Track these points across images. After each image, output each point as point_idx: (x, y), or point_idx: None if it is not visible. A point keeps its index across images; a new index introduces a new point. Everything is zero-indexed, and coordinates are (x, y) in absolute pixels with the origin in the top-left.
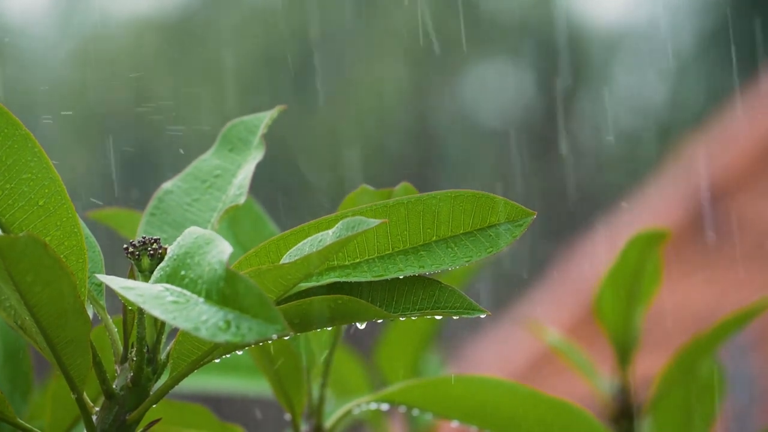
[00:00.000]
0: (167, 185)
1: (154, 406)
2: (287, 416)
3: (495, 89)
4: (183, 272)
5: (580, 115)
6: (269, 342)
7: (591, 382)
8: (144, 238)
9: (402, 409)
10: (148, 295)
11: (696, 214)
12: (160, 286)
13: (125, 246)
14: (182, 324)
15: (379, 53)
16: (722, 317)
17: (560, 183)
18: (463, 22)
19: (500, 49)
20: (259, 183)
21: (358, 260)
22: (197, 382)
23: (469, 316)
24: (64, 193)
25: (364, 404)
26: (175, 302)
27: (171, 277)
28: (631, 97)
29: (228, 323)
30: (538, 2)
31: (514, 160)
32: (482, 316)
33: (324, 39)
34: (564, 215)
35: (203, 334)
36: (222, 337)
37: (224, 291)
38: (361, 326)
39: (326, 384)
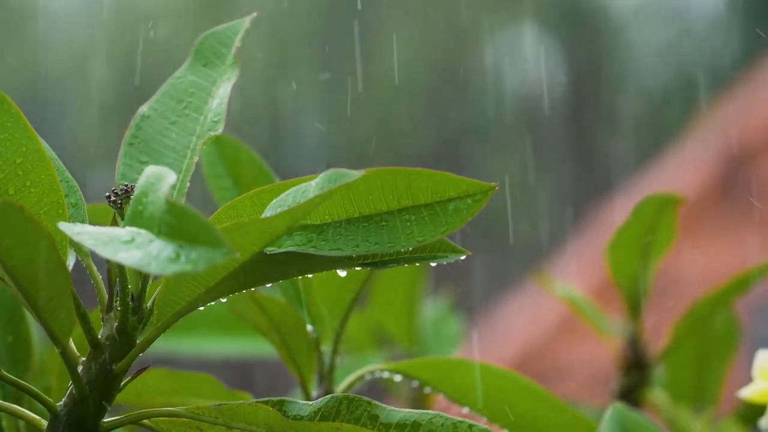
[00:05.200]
0: (144, 109)
1: (141, 354)
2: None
3: (520, 54)
4: (141, 209)
5: (604, 80)
6: (271, 309)
7: (603, 334)
8: (126, 186)
9: (414, 383)
10: (103, 237)
11: (722, 177)
12: (122, 230)
13: (107, 194)
14: (131, 261)
15: (403, 23)
16: (738, 273)
17: (585, 148)
18: None
19: (526, 13)
20: (284, 155)
21: (328, 220)
22: (207, 346)
23: (452, 260)
24: (42, 152)
25: (378, 372)
26: (128, 241)
27: (133, 218)
28: (656, 60)
29: (178, 254)
30: None
31: (541, 125)
32: (462, 257)
33: (345, 10)
34: (591, 179)
35: (153, 268)
36: (172, 268)
37: (170, 223)
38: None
39: (337, 350)
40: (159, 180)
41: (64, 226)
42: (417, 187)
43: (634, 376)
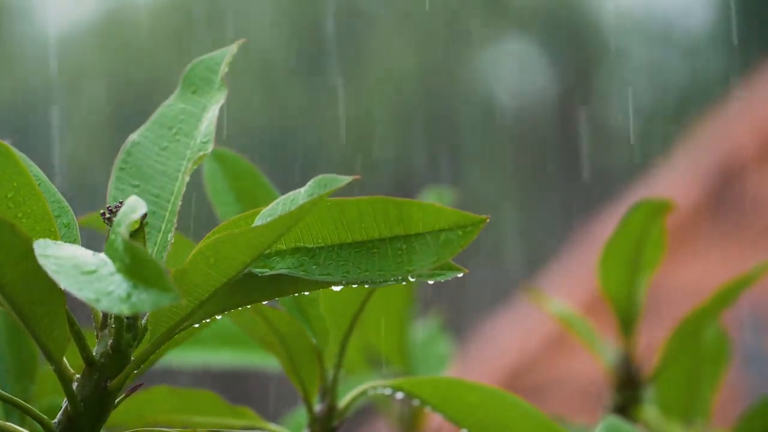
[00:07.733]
0: (134, 137)
1: (135, 371)
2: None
3: (510, 69)
4: (113, 238)
5: (596, 95)
6: (277, 322)
7: (595, 351)
8: (120, 203)
9: (415, 402)
10: (66, 265)
11: (712, 192)
12: (90, 257)
13: (101, 212)
14: (83, 295)
15: (394, 33)
16: (723, 284)
17: (576, 162)
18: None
19: (515, 27)
20: (277, 165)
21: (321, 244)
22: (213, 358)
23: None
24: (33, 185)
25: (380, 388)
26: (90, 272)
27: (107, 246)
28: (646, 75)
29: (129, 295)
30: None
31: (530, 140)
32: (459, 275)
33: (338, 19)
34: (581, 194)
35: (103, 305)
36: (119, 307)
37: (126, 262)
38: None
39: (341, 364)
40: (132, 212)
41: (37, 245)
42: (408, 216)
43: (627, 394)
